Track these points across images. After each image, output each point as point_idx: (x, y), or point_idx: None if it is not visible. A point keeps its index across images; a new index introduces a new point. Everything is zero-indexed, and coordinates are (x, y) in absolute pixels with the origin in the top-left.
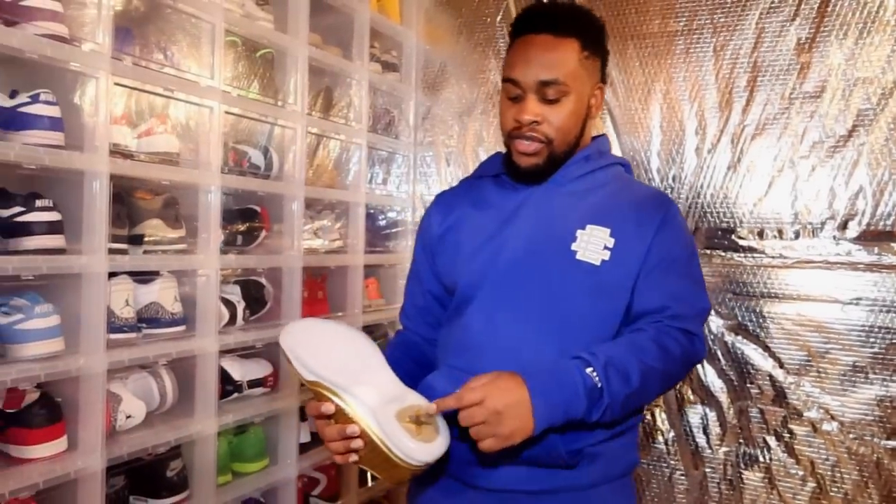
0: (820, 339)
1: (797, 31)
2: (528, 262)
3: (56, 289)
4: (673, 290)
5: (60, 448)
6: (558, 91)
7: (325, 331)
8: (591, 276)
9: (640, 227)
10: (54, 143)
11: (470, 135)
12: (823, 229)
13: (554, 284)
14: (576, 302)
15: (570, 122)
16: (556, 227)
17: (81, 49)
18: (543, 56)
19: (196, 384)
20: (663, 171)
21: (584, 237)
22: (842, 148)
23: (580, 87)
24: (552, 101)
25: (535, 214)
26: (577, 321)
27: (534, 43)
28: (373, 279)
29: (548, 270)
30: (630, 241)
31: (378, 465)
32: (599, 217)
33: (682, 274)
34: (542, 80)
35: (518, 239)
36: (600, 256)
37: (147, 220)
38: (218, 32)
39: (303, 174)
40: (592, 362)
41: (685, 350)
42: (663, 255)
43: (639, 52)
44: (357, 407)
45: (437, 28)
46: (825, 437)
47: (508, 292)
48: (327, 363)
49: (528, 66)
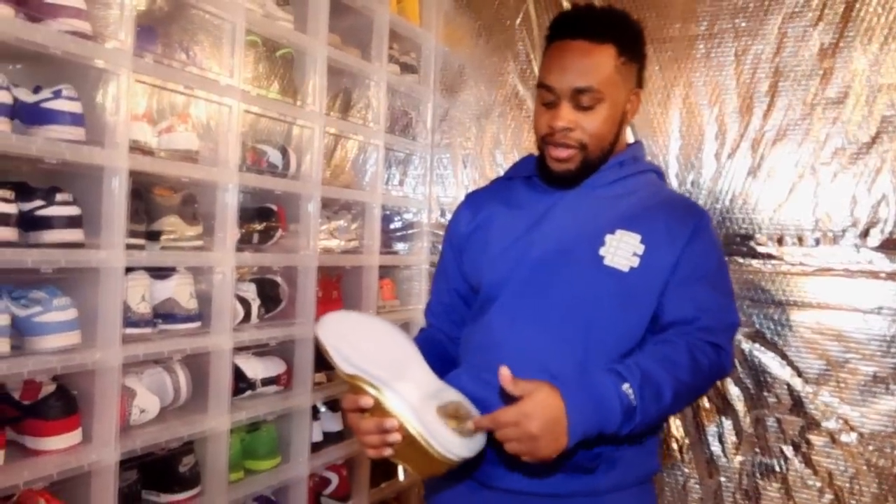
0: (839, 348)
1: (820, 36)
2: (555, 265)
3: (74, 282)
4: (703, 301)
5: (75, 440)
6: (593, 98)
7: (362, 324)
8: (618, 282)
9: (670, 235)
10: (75, 139)
11: (487, 137)
12: (844, 237)
13: (579, 288)
14: (601, 307)
15: (604, 128)
16: (585, 231)
17: (104, 46)
18: (579, 63)
19: (210, 381)
20: (682, 176)
21: (613, 242)
22: (864, 155)
23: (615, 94)
24: (586, 108)
25: (564, 217)
26: (601, 327)
27: (569, 49)
28: (388, 280)
29: (574, 274)
30: (660, 248)
31: (414, 460)
32: (630, 223)
33: (713, 286)
34: (577, 88)
35: (546, 241)
36: (629, 263)
37: (165, 217)
38: (238, 32)
39: (320, 174)
40: (629, 378)
41: (713, 364)
42: (694, 265)
43: (659, 57)
44: (397, 402)
45: (457, 30)
46: (844, 448)
47: (533, 294)
48: (367, 357)
49: (563, 73)
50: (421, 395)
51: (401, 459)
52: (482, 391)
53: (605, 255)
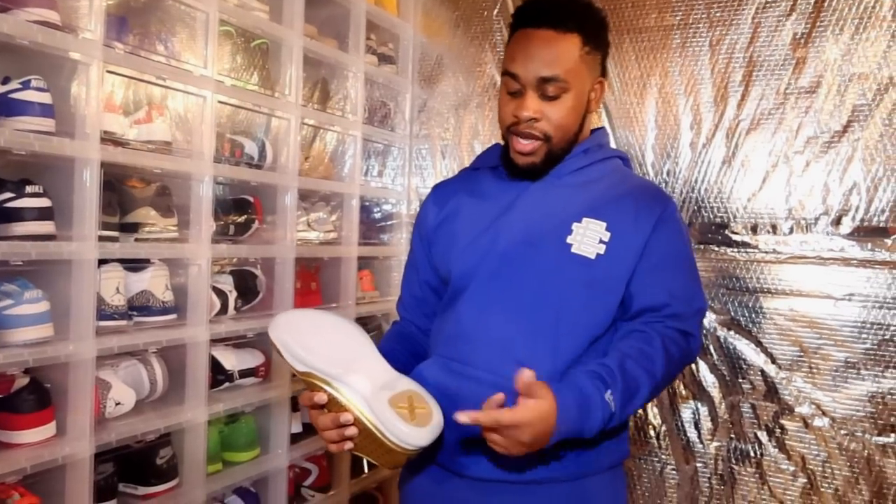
0: (812, 334)
1: (793, 26)
2: (523, 254)
3: (46, 275)
4: (673, 288)
5: (49, 434)
6: (558, 88)
7: (313, 321)
8: (586, 269)
9: (637, 221)
10: (45, 130)
11: (466, 128)
12: (817, 225)
13: (548, 277)
14: (569, 295)
15: (569, 118)
16: (553, 220)
17: (74, 37)
18: (544, 52)
19: (187, 373)
20: (658, 166)
21: (579, 230)
22: (836, 143)
23: (580, 83)
24: (552, 98)
25: (531, 207)
26: (571, 314)
27: (535, 37)
28: (367, 271)
29: (542, 263)
30: (626, 234)
31: (373, 452)
32: (596, 210)
33: (682, 272)
34: (543, 77)
35: (513, 230)
36: (595, 250)
37: (139, 209)
38: (212, 22)
39: (297, 165)
40: (611, 385)
41: (683, 353)
42: (662, 252)
43: (635, 47)
44: (350, 395)
45: (434, 21)
46: (816, 432)
47: (502, 283)
48: (318, 353)
49: (529, 62)
50: (374, 387)
51: (362, 452)
52: (452, 381)
53: (572, 243)
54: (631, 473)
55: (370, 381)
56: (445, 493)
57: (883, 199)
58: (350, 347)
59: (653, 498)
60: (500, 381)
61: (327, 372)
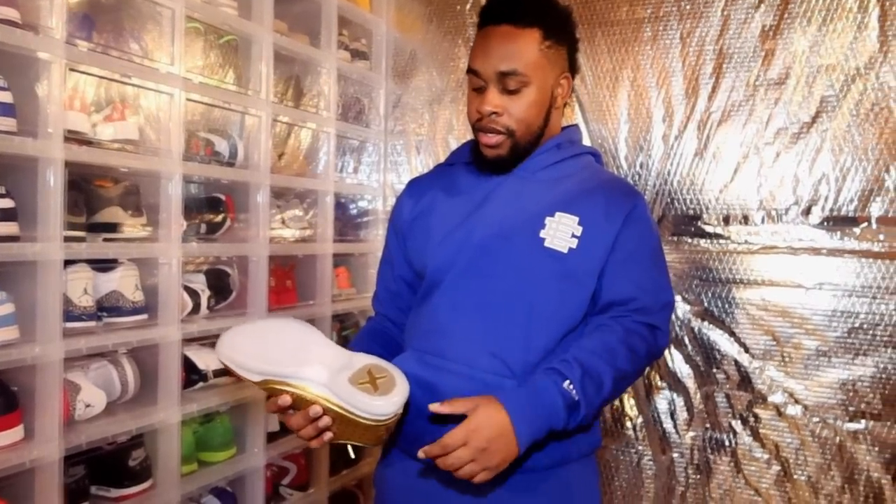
0: (784, 324)
1: (762, 18)
2: (496, 248)
3: (11, 276)
4: (640, 281)
5: (16, 437)
6: (518, 82)
7: (255, 330)
8: (558, 263)
9: (607, 217)
10: (6, 129)
11: (440, 123)
12: (788, 215)
13: (521, 271)
14: (543, 288)
15: (531, 112)
16: (525, 215)
17: (34, 34)
18: (503, 47)
19: (159, 373)
20: (631, 159)
21: (552, 224)
22: (805, 134)
23: (542, 78)
24: (513, 92)
25: (505, 201)
26: (544, 308)
27: (494, 34)
28: (343, 268)
29: (515, 257)
30: (597, 230)
31: (353, 434)
32: (568, 205)
33: (649, 266)
34: (501, 71)
35: (487, 225)
36: (568, 244)
37: (106, 208)
38: (178, 18)
39: (269, 162)
40: (569, 375)
41: (650, 347)
42: (631, 246)
43: (607, 40)
44: (311, 387)
45: (407, 16)
46: (789, 420)
47: (476, 277)
48: (267, 359)
49: (488, 58)
50: (331, 372)
51: (342, 438)
52: (429, 374)
53: (545, 237)
54: (608, 465)
55: (326, 368)
56: (424, 486)
57: (851, 188)
58: (297, 343)
59: (630, 489)
60: (475, 374)
61: (282, 373)
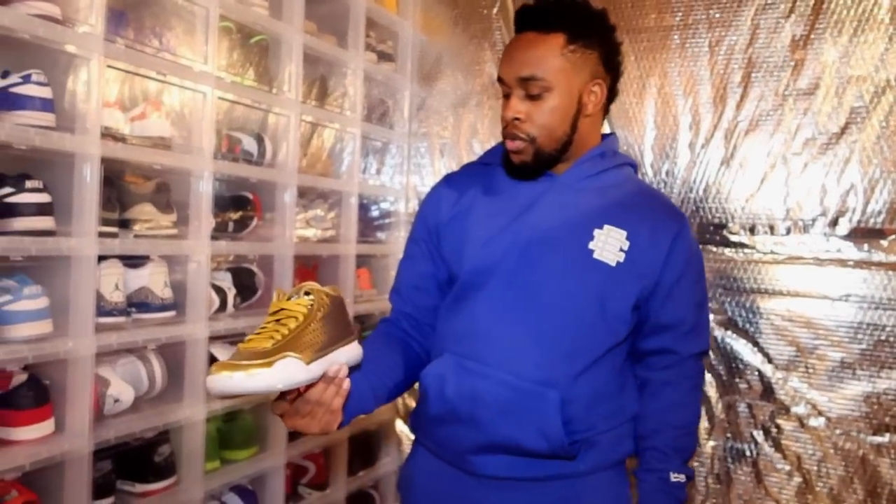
0: (809, 335)
1: (792, 27)
2: (544, 256)
3: (45, 271)
4: (687, 305)
5: (47, 430)
6: (539, 87)
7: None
8: (606, 275)
9: (654, 236)
10: (45, 125)
11: (464, 126)
12: (814, 226)
13: (568, 280)
14: (589, 299)
15: (553, 118)
16: (573, 224)
17: (74, 31)
18: (524, 53)
19: (185, 370)
20: (657, 166)
21: (601, 237)
22: (834, 145)
23: (566, 83)
24: (535, 98)
25: (551, 209)
26: (590, 319)
27: (519, 41)
28: (364, 269)
29: (563, 265)
30: (643, 247)
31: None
32: (616, 218)
33: (694, 289)
34: (521, 77)
35: (534, 231)
36: (616, 258)
37: (138, 205)
38: (212, 18)
39: (296, 162)
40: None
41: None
42: (679, 269)
43: (634, 47)
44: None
45: (434, 19)
46: (812, 432)
47: (520, 284)
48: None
49: (511, 64)
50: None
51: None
52: (469, 380)
53: (594, 249)
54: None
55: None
56: (453, 491)
57: (879, 200)
58: None
59: None
60: (517, 382)
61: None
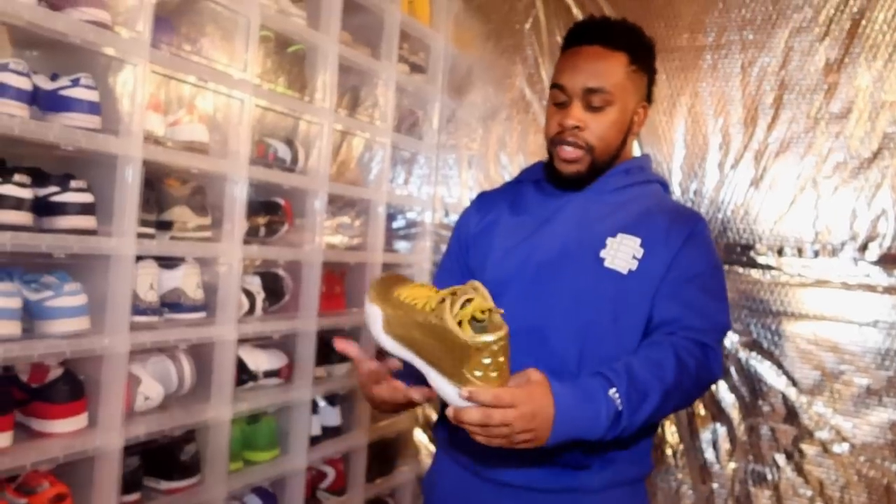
0: (834, 359)
1: (826, 51)
2: (557, 267)
3: (84, 269)
4: (689, 301)
5: (81, 424)
6: (603, 99)
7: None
8: (617, 284)
9: (667, 238)
10: (91, 127)
11: (493, 139)
12: (843, 250)
13: (579, 290)
14: (599, 309)
15: (611, 131)
16: (587, 235)
17: (122, 36)
18: (592, 65)
19: (213, 371)
20: (685, 185)
21: (613, 245)
22: (865, 170)
23: (625, 99)
24: (596, 109)
25: (568, 221)
26: (599, 327)
27: (583, 53)
28: None
29: (574, 275)
30: (657, 251)
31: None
32: (631, 227)
33: (703, 288)
34: (589, 87)
35: (551, 243)
36: (628, 266)
37: (174, 207)
38: (253, 27)
39: (327, 170)
40: (616, 382)
41: (699, 364)
42: (686, 268)
43: (666, 66)
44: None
45: (466, 32)
46: (835, 458)
47: (535, 295)
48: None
49: (576, 73)
50: None
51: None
52: None
53: (605, 257)
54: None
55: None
56: (472, 497)
57: None
58: None
59: None
60: None
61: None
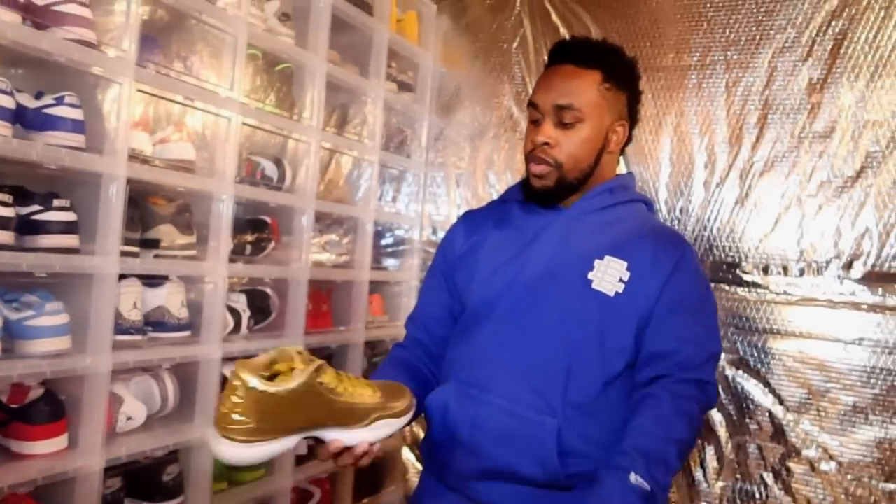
0: (821, 377)
1: (809, 71)
2: (545, 287)
3: (67, 288)
4: (683, 333)
5: (61, 446)
6: (573, 116)
7: None
8: (604, 305)
9: (655, 265)
10: (75, 145)
11: (481, 157)
12: (828, 268)
13: (566, 310)
14: (586, 329)
15: (582, 149)
16: (574, 255)
17: (107, 55)
18: (563, 83)
19: (198, 390)
20: (671, 203)
21: (601, 267)
22: (849, 188)
23: (597, 117)
24: (567, 126)
25: (554, 241)
26: (586, 348)
27: (557, 71)
28: (377, 295)
29: (562, 296)
30: (644, 277)
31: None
32: (618, 249)
33: (694, 318)
34: (558, 104)
35: (536, 263)
36: (615, 288)
37: (159, 225)
38: (240, 45)
39: (314, 188)
40: (633, 468)
41: (702, 405)
42: (676, 298)
43: (651, 85)
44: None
45: (454, 51)
46: (823, 476)
47: (522, 314)
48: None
49: (549, 92)
50: None
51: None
52: (471, 408)
53: (593, 279)
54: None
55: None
56: None
57: (895, 244)
58: None
59: None
60: (516, 409)
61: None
